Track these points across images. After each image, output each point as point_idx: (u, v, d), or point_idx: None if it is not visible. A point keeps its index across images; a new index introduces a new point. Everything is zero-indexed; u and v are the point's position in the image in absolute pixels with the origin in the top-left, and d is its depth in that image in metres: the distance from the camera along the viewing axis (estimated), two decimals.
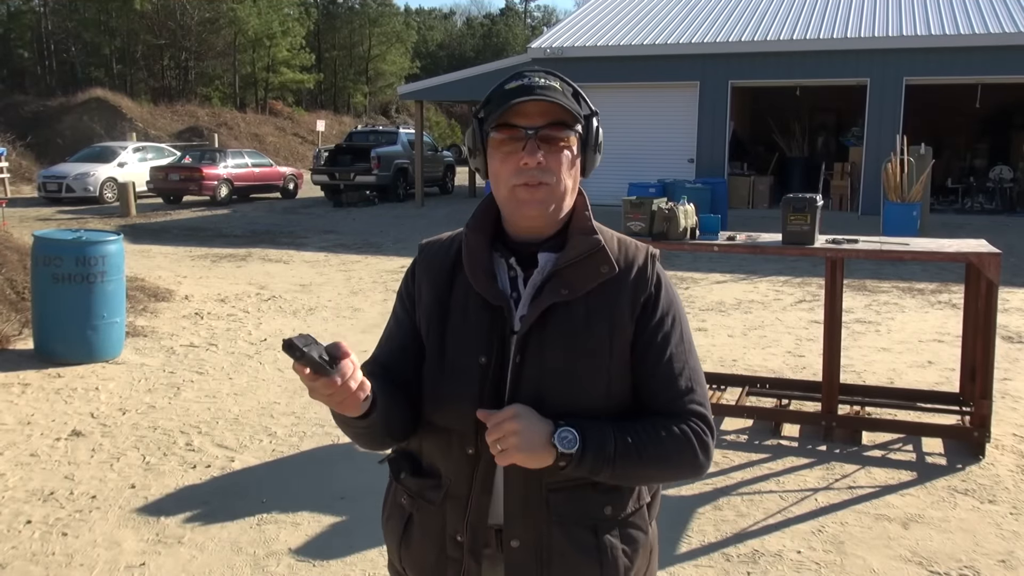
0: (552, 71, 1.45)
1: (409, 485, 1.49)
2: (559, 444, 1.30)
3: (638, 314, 1.42)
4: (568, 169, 1.41)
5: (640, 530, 1.46)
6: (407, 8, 65.20)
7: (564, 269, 1.40)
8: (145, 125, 29.51)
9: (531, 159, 1.36)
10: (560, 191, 1.40)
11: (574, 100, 1.43)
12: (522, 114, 1.38)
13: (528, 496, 1.39)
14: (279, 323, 7.52)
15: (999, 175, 17.05)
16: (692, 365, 1.44)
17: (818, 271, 9.52)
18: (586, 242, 1.41)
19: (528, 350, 1.38)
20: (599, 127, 1.46)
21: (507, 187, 1.40)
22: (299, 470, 4.25)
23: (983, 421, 4.30)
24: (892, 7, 17.88)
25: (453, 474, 1.43)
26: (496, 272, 1.44)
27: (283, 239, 13.59)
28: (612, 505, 1.42)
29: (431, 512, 1.45)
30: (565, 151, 1.40)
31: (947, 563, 3.28)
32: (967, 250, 4.35)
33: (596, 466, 1.32)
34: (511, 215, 1.44)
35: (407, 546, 1.49)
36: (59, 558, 3.33)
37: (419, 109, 20.06)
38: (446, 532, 1.43)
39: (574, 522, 1.40)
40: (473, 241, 1.45)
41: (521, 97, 1.37)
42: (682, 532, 3.54)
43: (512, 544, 1.40)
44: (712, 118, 17.28)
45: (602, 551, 1.40)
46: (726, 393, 5.26)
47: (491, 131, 1.40)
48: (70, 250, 5.90)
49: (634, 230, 4.63)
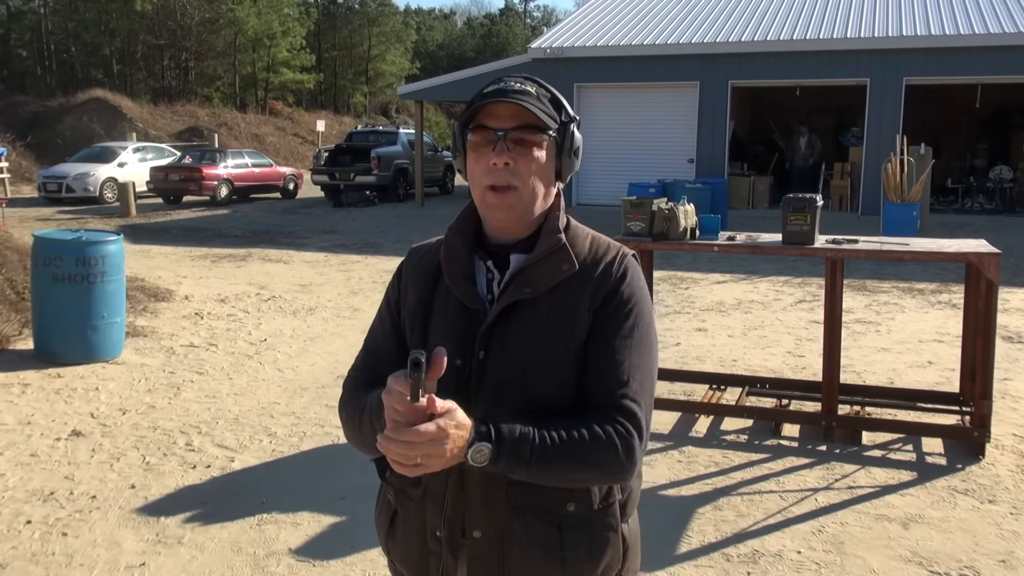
0: (532, 78, 1.49)
1: (393, 483, 1.54)
2: (471, 459, 1.30)
3: (596, 306, 1.43)
4: (539, 173, 1.44)
5: (609, 528, 1.46)
6: (407, 8, 65.16)
7: (528, 268, 1.44)
8: (145, 125, 29.51)
9: (499, 159, 1.41)
10: (527, 195, 1.44)
11: (550, 106, 1.47)
12: (494, 116, 1.43)
13: (489, 488, 1.42)
14: (279, 323, 7.52)
15: (999, 175, 17.04)
16: (636, 362, 1.42)
17: (818, 271, 9.52)
18: (549, 241, 1.45)
19: (492, 346, 1.42)
20: (576, 133, 1.49)
21: (480, 188, 1.45)
22: (299, 470, 4.25)
23: (983, 421, 4.30)
24: (892, 7, 17.88)
25: (431, 473, 1.46)
26: (475, 275, 1.49)
27: (283, 239, 13.59)
28: (575, 502, 1.43)
29: (412, 508, 1.50)
30: (536, 154, 1.43)
31: (947, 563, 3.28)
32: (967, 250, 4.35)
33: (509, 469, 1.33)
34: (483, 216, 1.49)
35: (393, 540, 1.55)
36: (59, 558, 3.34)
37: (419, 109, 20.06)
38: (426, 527, 1.48)
39: (534, 516, 1.42)
40: (452, 244, 1.51)
41: (493, 99, 1.42)
42: (682, 532, 3.54)
43: (474, 535, 1.44)
44: (712, 118, 17.28)
45: (566, 548, 1.42)
46: (726, 393, 5.26)
47: (468, 132, 1.46)
48: (70, 250, 5.90)
49: (634, 230, 4.63)
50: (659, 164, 17.23)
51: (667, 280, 9.56)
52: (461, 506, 1.44)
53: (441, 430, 1.24)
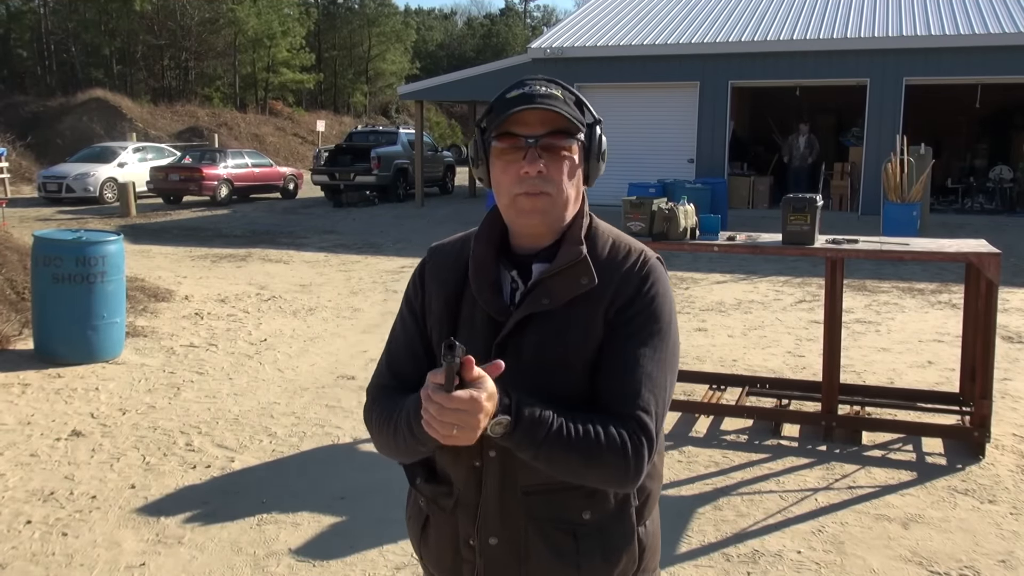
0: (554, 79, 1.44)
1: (424, 491, 1.52)
2: (490, 430, 1.27)
3: (612, 316, 1.40)
4: (570, 178, 1.41)
5: (624, 534, 1.45)
6: (407, 8, 65.18)
7: (548, 279, 1.41)
8: (145, 125, 29.51)
9: (532, 168, 1.37)
10: (562, 200, 1.41)
11: (576, 109, 1.42)
12: (522, 123, 1.38)
13: (504, 497, 1.42)
14: (279, 323, 7.52)
15: (999, 175, 17.04)
16: (652, 373, 1.37)
17: (818, 271, 9.52)
18: (570, 253, 1.41)
19: (506, 357, 1.37)
20: (602, 135, 1.46)
21: (509, 196, 1.40)
22: (299, 470, 4.25)
23: (983, 421, 4.30)
24: (892, 7, 17.88)
25: (462, 483, 1.45)
26: (502, 285, 1.45)
27: (283, 239, 13.59)
28: (591, 509, 1.42)
29: (445, 518, 1.48)
30: (567, 160, 1.40)
31: (947, 563, 3.28)
32: (967, 250, 4.35)
33: (520, 448, 1.31)
34: (513, 223, 1.45)
35: (426, 545, 1.54)
36: (59, 558, 3.34)
37: (419, 109, 20.06)
38: (459, 536, 1.46)
39: (551, 523, 1.42)
40: (480, 254, 1.46)
41: (522, 105, 1.37)
42: (682, 532, 3.54)
43: (491, 541, 1.43)
44: (712, 118, 17.28)
45: (581, 555, 1.41)
46: (726, 393, 5.26)
47: (492, 140, 1.40)
48: (70, 250, 5.90)
49: (634, 230, 4.63)
50: (659, 164, 17.23)
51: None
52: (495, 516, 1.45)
53: (474, 399, 1.21)
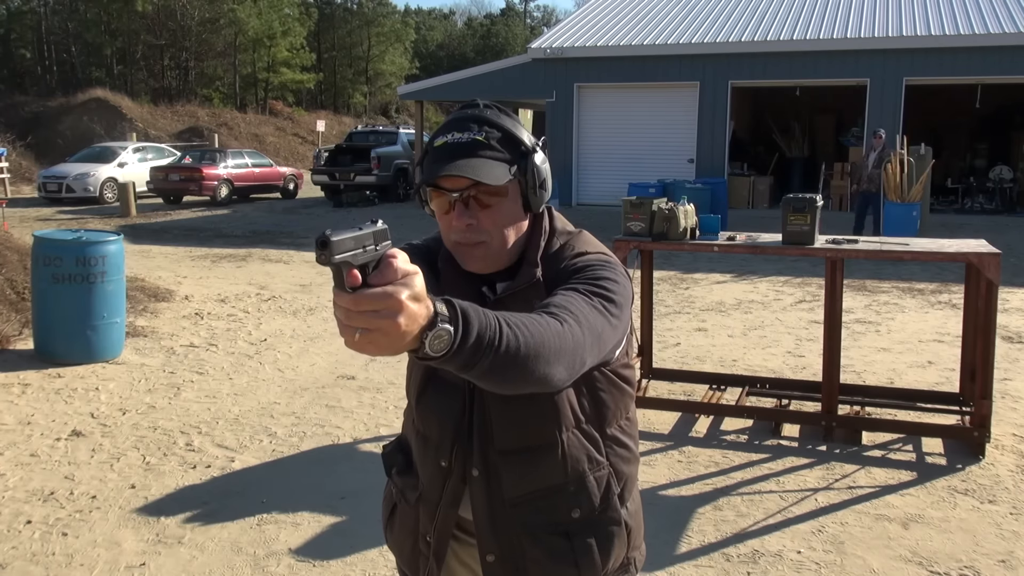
0: (482, 115, 1.38)
1: (396, 482, 1.58)
2: (428, 346, 1.01)
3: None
4: (505, 220, 1.38)
5: (612, 523, 1.48)
6: (407, 8, 65.17)
7: (506, 298, 1.41)
8: (145, 125, 29.51)
9: (459, 223, 1.36)
10: (499, 243, 1.39)
11: (505, 146, 1.36)
12: (445, 179, 1.35)
13: (493, 513, 1.44)
14: (279, 323, 7.52)
15: (999, 175, 17.05)
16: (581, 307, 1.23)
17: (818, 271, 9.52)
18: (526, 274, 1.41)
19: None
20: (538, 166, 1.39)
21: (449, 241, 1.41)
22: (299, 470, 4.25)
23: (983, 421, 4.30)
24: (892, 7, 17.88)
25: (427, 480, 1.50)
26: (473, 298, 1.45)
27: (283, 239, 13.59)
28: (580, 507, 1.45)
29: (408, 510, 1.55)
30: (497, 206, 1.37)
31: (947, 563, 3.28)
32: (967, 250, 4.35)
33: (470, 363, 1.05)
34: (460, 262, 1.43)
35: (391, 531, 1.61)
36: (59, 558, 3.33)
37: (419, 109, 20.06)
38: (418, 530, 1.52)
39: (544, 531, 1.44)
40: (450, 274, 1.46)
41: (440, 171, 1.32)
42: (682, 532, 3.54)
43: (488, 559, 1.45)
44: (712, 118, 17.29)
45: (578, 553, 1.44)
46: (726, 393, 5.26)
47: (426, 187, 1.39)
48: (70, 250, 5.90)
49: (634, 230, 4.64)
50: (659, 164, 17.24)
51: (667, 280, 9.56)
52: (450, 520, 1.48)
53: (388, 295, 0.96)
